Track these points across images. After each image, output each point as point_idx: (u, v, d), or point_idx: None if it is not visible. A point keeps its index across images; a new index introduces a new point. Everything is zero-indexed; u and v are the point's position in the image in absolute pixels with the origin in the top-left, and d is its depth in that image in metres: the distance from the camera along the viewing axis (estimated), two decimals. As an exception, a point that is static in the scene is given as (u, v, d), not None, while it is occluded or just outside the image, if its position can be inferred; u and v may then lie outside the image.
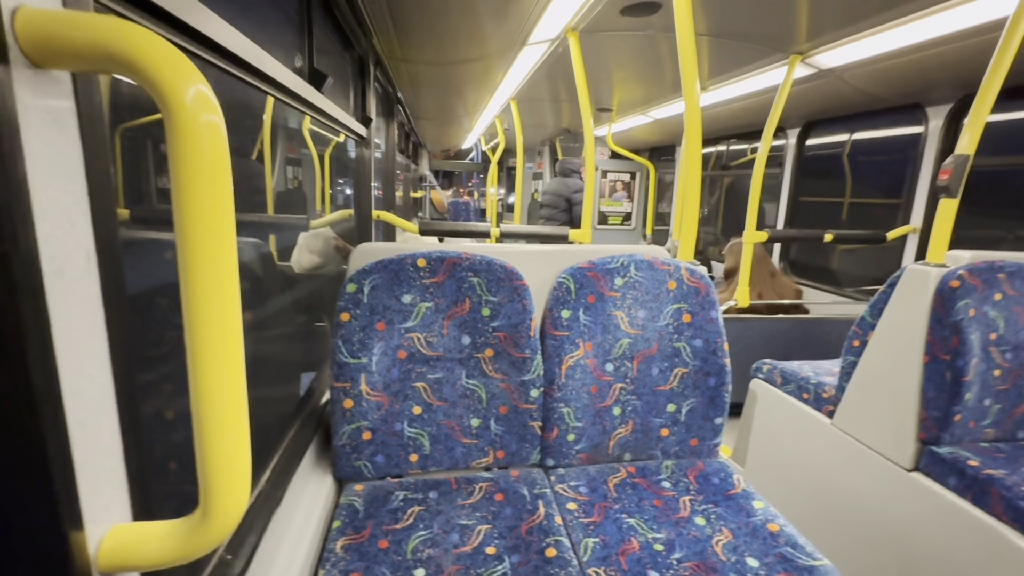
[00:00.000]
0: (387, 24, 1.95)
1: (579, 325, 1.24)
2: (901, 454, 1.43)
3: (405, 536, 1.01)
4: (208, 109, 0.35)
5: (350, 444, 1.13)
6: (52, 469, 0.37)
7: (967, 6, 1.55)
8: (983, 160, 2.39)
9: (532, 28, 2.04)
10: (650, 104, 3.71)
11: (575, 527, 1.07)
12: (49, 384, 0.36)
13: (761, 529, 1.06)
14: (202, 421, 0.38)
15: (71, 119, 0.38)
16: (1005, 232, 2.47)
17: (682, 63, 1.47)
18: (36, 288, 0.35)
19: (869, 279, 3.14)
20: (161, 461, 0.79)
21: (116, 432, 0.44)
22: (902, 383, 1.44)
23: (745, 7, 1.78)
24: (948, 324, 1.33)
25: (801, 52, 2.18)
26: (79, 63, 0.35)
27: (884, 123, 2.96)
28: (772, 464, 1.95)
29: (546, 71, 2.84)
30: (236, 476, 0.40)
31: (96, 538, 0.41)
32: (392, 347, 1.15)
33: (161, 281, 0.79)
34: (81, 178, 0.39)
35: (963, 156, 1.42)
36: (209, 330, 0.37)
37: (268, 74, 0.87)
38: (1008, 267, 1.40)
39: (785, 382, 1.91)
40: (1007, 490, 1.17)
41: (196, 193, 0.35)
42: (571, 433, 1.24)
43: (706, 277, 1.32)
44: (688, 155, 1.54)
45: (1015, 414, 1.41)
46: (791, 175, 3.50)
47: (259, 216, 1.60)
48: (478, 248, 1.24)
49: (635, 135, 5.02)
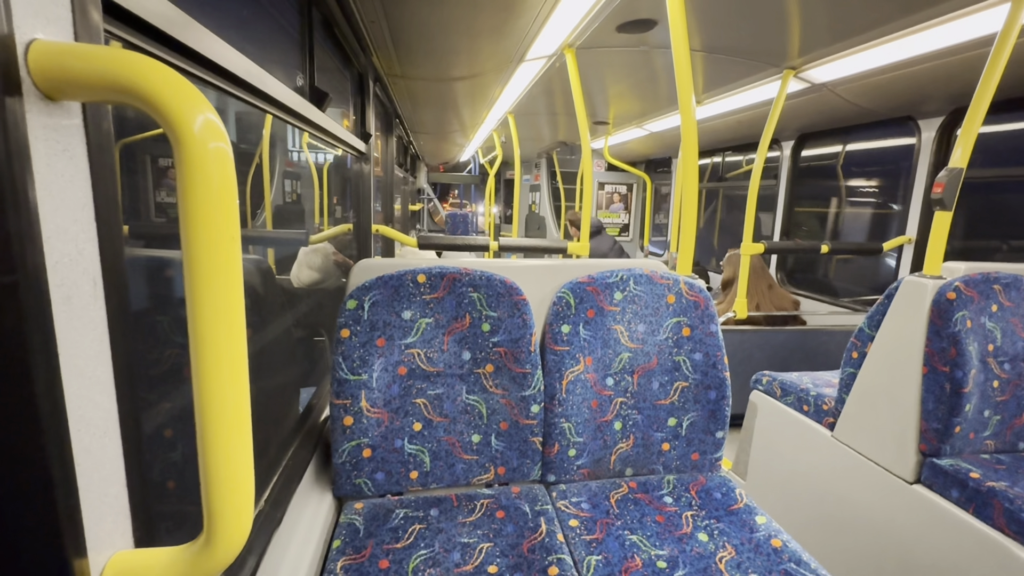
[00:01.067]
0: (386, 42, 1.98)
1: (579, 340, 1.25)
2: (902, 466, 1.43)
3: (406, 555, 1.00)
4: (216, 136, 0.36)
5: (350, 461, 1.12)
6: (57, 496, 0.37)
7: (956, 23, 1.58)
8: (975, 172, 2.42)
9: (530, 45, 2.07)
10: (646, 117, 3.75)
11: (577, 544, 1.06)
12: (56, 411, 0.36)
13: (764, 545, 1.05)
14: (206, 447, 0.38)
15: (80, 148, 0.39)
16: (999, 243, 2.49)
17: (678, 78, 1.49)
18: (44, 315, 0.35)
19: (865, 289, 3.16)
20: (162, 485, 0.78)
21: (119, 458, 0.43)
22: (902, 395, 1.44)
23: (738, 23, 1.81)
24: (946, 335, 1.34)
25: (794, 67, 2.21)
26: (90, 94, 0.36)
27: (877, 135, 3.00)
28: (773, 477, 1.94)
29: (543, 86, 2.87)
30: (240, 502, 0.40)
31: (99, 565, 0.41)
32: (392, 363, 1.15)
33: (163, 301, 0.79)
34: (89, 205, 0.40)
35: (956, 169, 1.44)
36: (215, 356, 0.37)
37: (271, 95, 0.88)
38: (1003, 278, 1.41)
39: (785, 394, 1.91)
40: (1009, 502, 1.17)
41: (204, 219, 0.36)
42: (572, 448, 1.24)
43: (705, 291, 1.32)
44: (685, 169, 1.56)
45: (1015, 425, 1.42)
46: (786, 187, 3.53)
47: (259, 232, 1.60)
48: (478, 263, 1.24)
49: (631, 147, 5.07)
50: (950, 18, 1.57)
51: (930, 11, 1.55)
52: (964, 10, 1.51)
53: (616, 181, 6.47)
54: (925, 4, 1.51)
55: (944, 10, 1.53)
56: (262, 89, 0.84)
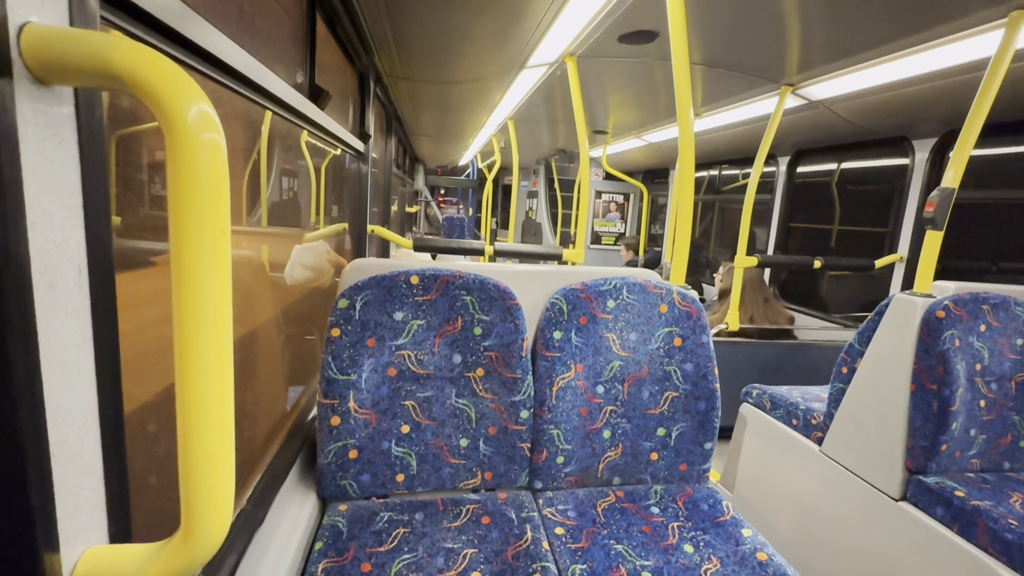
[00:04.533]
0: (389, 43, 1.98)
1: (571, 346, 1.24)
2: (889, 483, 1.43)
3: (389, 559, 0.98)
4: (209, 127, 0.35)
5: (336, 462, 1.11)
6: (30, 487, 0.36)
7: (951, 46, 1.61)
8: (966, 193, 2.45)
9: (531, 52, 2.08)
10: (644, 128, 3.78)
11: (562, 553, 1.06)
12: (33, 398, 0.36)
13: (750, 558, 1.05)
14: (187, 442, 0.38)
15: (71, 133, 0.38)
16: (989, 263, 2.52)
17: (677, 90, 1.50)
18: (25, 302, 0.35)
19: (856, 306, 3.18)
20: (143, 479, 0.77)
21: (98, 450, 0.43)
22: (890, 411, 1.45)
23: (738, 39, 1.83)
24: (935, 353, 1.35)
25: (792, 84, 2.24)
26: (82, 80, 0.35)
27: (871, 154, 3.03)
28: (760, 490, 1.94)
29: (544, 93, 2.88)
30: (219, 499, 0.39)
31: (71, 561, 0.40)
32: (382, 364, 1.14)
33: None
34: (77, 192, 0.39)
35: (948, 189, 1.46)
36: (200, 349, 0.37)
37: (269, 90, 0.88)
38: (992, 299, 1.42)
39: (774, 407, 1.92)
40: (993, 522, 1.18)
41: (194, 210, 0.35)
42: (560, 455, 1.23)
43: (697, 301, 1.33)
44: (681, 180, 1.57)
45: (1000, 445, 1.43)
46: (781, 201, 3.56)
47: (253, 228, 1.59)
48: (472, 267, 1.24)
49: (629, 157, 5.10)
50: (945, 41, 1.60)
51: (927, 33, 1.57)
52: (959, 34, 1.54)
53: (613, 190, 6.50)
54: (922, 27, 1.53)
55: (940, 33, 1.55)
56: (261, 84, 0.84)
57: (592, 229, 6.56)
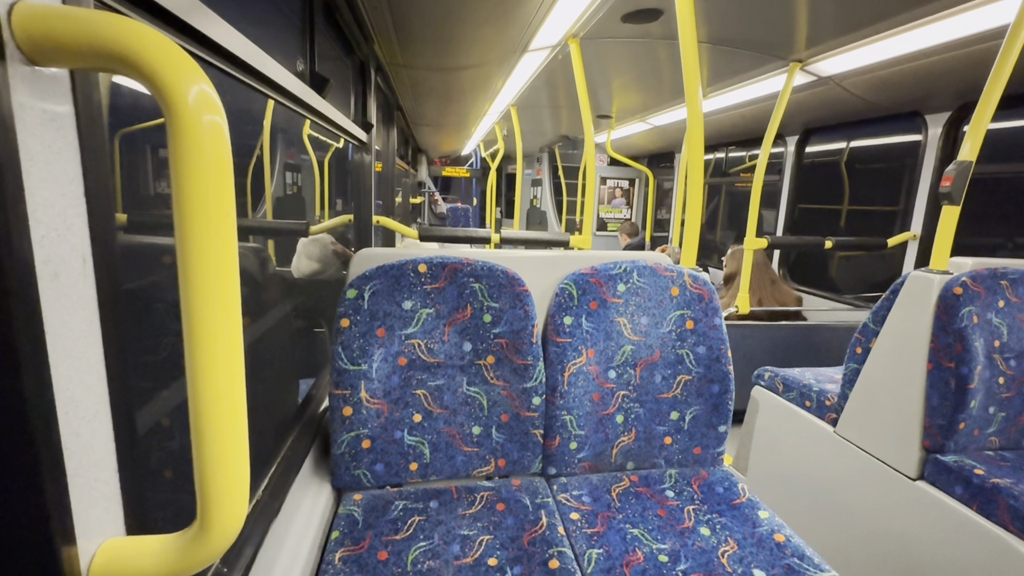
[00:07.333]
0: (389, 29, 1.95)
1: (581, 332, 1.23)
2: (906, 463, 1.42)
3: (405, 547, 0.99)
4: (211, 109, 0.34)
5: (349, 452, 1.11)
6: (44, 481, 0.35)
7: (966, 15, 1.56)
8: (982, 167, 2.40)
9: (533, 35, 2.05)
10: (649, 111, 3.73)
11: (578, 538, 1.05)
12: (42, 392, 0.35)
13: (767, 539, 1.04)
14: (201, 433, 0.37)
15: (69, 119, 0.37)
16: (1004, 240, 2.47)
17: (685, 69, 1.47)
18: (30, 292, 0.34)
19: (866, 286, 3.14)
20: (157, 472, 0.77)
21: (111, 442, 0.42)
22: (906, 391, 1.43)
23: (745, 15, 1.79)
24: (952, 331, 1.33)
25: (800, 59, 2.18)
26: (78, 61, 0.34)
27: (882, 131, 2.97)
28: (774, 473, 1.94)
29: (546, 77, 2.84)
30: (234, 489, 0.39)
31: (88, 553, 0.39)
32: (392, 353, 1.14)
33: (158, 285, 0.77)
34: (78, 180, 0.38)
35: (965, 163, 1.42)
36: (209, 337, 0.36)
37: (270, 77, 0.86)
38: (1011, 274, 1.39)
39: (787, 389, 1.90)
40: (1014, 499, 1.16)
41: (197, 195, 0.34)
42: (573, 441, 1.23)
43: (709, 283, 1.31)
44: (690, 161, 1.54)
45: (1020, 422, 1.40)
46: (790, 182, 3.51)
47: (259, 222, 1.59)
48: (480, 254, 1.22)
49: (634, 142, 5.03)
50: (960, 10, 1.55)
51: (939, 3, 1.52)
52: (974, 1, 1.49)
53: (618, 176, 6.44)
54: None
55: (954, 1, 1.50)
56: (262, 71, 0.82)
57: (598, 216, 6.52)
